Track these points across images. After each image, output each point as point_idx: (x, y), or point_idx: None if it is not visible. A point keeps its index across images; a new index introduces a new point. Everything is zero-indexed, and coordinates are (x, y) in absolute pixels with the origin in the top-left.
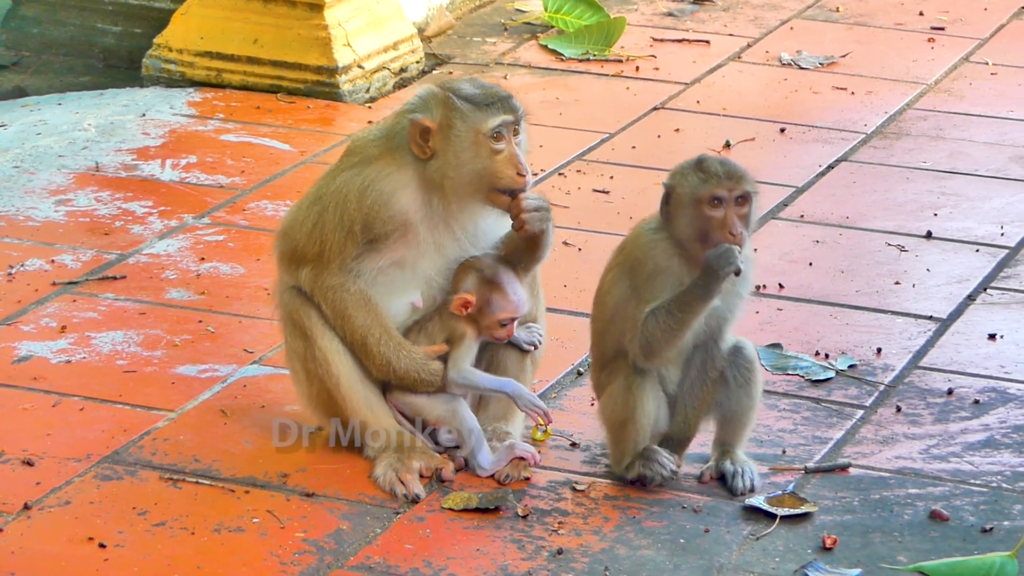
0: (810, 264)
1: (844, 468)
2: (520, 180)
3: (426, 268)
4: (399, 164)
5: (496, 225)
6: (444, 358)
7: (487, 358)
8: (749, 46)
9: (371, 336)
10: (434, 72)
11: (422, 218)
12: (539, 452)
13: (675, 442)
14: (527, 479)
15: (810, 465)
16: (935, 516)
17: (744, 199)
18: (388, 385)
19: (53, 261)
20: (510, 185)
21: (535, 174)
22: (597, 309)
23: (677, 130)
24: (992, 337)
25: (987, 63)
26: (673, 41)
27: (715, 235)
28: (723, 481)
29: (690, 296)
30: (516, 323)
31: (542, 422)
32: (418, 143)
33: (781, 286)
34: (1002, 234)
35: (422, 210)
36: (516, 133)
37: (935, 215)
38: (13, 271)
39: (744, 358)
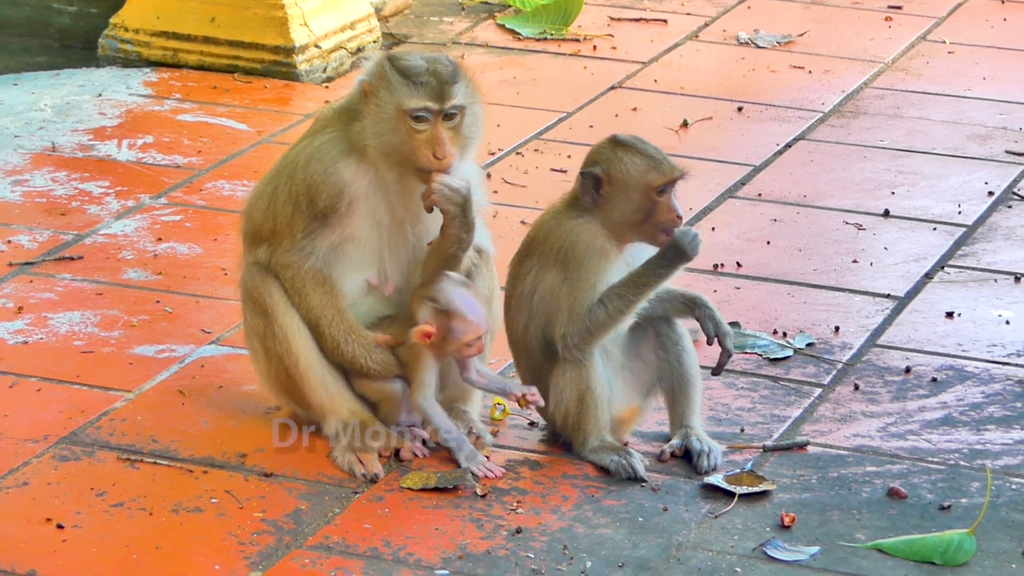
0: (768, 243)
1: (802, 446)
2: (436, 163)
3: (378, 244)
4: (343, 132)
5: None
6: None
7: None
8: (707, 25)
9: (324, 317)
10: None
11: (366, 191)
12: (496, 432)
13: None
14: (486, 458)
15: (768, 443)
16: (893, 494)
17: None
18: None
19: (9, 242)
20: (427, 166)
21: (492, 153)
22: (516, 317)
23: (635, 109)
24: (950, 315)
25: (944, 42)
26: (630, 20)
27: (662, 219)
28: (687, 458)
29: (648, 277)
30: (483, 338)
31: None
32: (361, 104)
33: (739, 265)
34: (959, 212)
35: (365, 182)
36: (449, 118)
37: (893, 193)
38: None
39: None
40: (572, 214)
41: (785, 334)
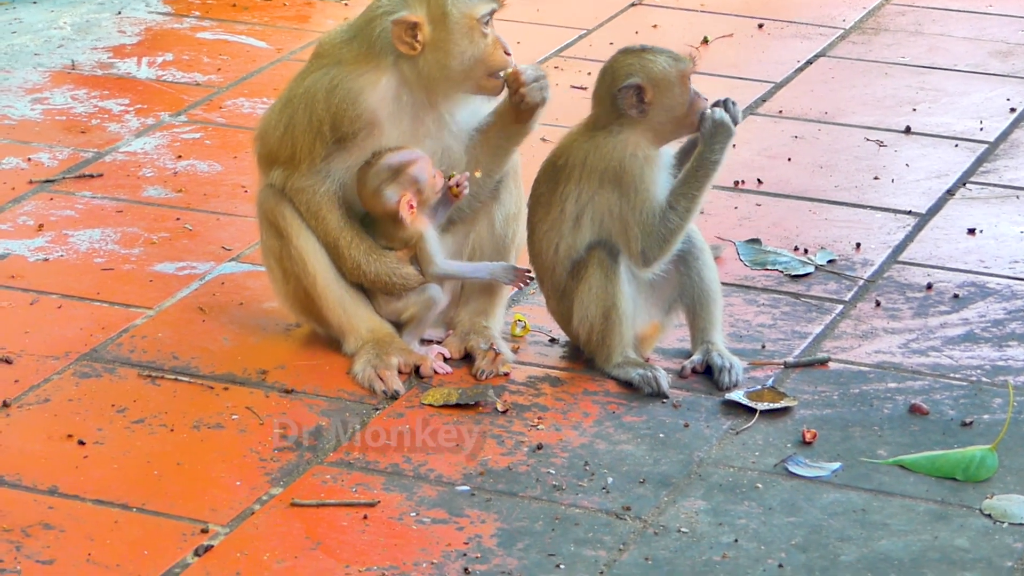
0: (789, 159)
1: (824, 363)
2: (508, 59)
3: None
4: (374, 65)
5: (473, 113)
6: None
7: (467, 252)
8: None
9: (342, 239)
10: None
11: (389, 114)
12: (517, 348)
13: None
14: (506, 375)
15: (790, 360)
16: (915, 410)
17: None
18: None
19: (30, 159)
20: (502, 65)
21: None
22: (548, 240)
23: (655, 26)
24: (971, 232)
25: None
26: None
27: (698, 104)
28: (708, 374)
29: (706, 165)
30: (433, 163)
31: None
32: (406, 41)
33: (760, 181)
34: (981, 129)
35: (390, 106)
36: None
37: (914, 110)
38: None
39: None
40: (606, 133)
41: (806, 251)
